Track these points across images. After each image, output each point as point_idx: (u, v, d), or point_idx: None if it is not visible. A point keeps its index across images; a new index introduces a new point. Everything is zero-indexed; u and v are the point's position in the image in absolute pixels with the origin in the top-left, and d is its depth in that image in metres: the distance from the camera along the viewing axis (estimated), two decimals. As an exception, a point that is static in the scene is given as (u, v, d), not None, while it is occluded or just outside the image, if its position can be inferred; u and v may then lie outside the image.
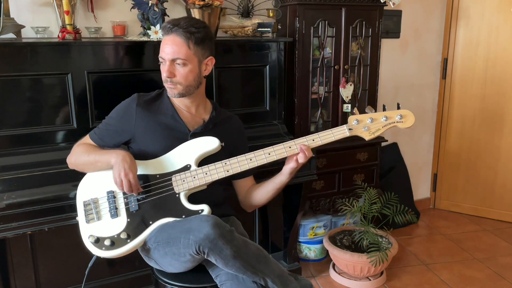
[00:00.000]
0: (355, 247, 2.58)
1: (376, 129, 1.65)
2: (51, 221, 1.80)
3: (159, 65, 1.68)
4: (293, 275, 1.62)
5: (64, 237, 2.08)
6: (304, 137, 1.67)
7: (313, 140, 1.66)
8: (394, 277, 2.64)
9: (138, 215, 1.63)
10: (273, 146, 1.66)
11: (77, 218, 1.67)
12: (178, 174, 1.64)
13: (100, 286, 2.23)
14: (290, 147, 1.65)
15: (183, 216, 1.61)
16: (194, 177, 1.63)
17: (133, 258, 1.83)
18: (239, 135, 1.86)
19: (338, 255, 2.54)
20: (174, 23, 1.62)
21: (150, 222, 1.62)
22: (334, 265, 2.68)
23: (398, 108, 1.68)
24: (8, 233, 1.74)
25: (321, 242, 2.78)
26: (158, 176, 1.65)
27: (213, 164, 1.65)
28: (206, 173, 1.64)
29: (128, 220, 1.62)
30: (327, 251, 2.74)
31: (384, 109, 1.69)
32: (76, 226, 1.67)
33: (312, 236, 2.80)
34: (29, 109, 1.95)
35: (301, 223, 2.73)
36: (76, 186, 1.70)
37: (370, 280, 2.55)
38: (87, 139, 1.77)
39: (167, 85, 1.67)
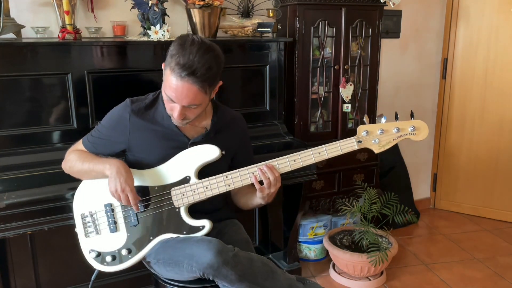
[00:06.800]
0: (355, 247, 2.58)
1: (387, 142, 1.51)
2: (51, 221, 1.79)
3: (167, 100, 1.51)
4: (301, 279, 1.60)
5: (64, 237, 2.08)
6: (310, 149, 1.56)
7: (319, 154, 1.55)
8: (394, 277, 2.64)
9: (138, 229, 1.60)
10: (277, 159, 1.57)
11: (76, 230, 1.65)
12: (178, 187, 1.59)
13: (100, 286, 2.23)
14: (294, 161, 1.56)
15: (184, 232, 1.58)
16: (194, 191, 1.59)
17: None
18: (242, 138, 1.79)
19: (338, 255, 2.54)
20: (188, 70, 1.42)
21: (151, 238, 1.60)
22: (334, 265, 2.68)
23: (412, 117, 1.52)
24: (8, 233, 1.74)
25: (321, 242, 2.78)
26: (156, 188, 1.61)
27: (213, 177, 1.59)
28: (206, 187, 1.58)
29: (128, 234, 1.60)
30: (327, 251, 2.74)
31: (396, 117, 1.52)
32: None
33: (312, 236, 2.80)
34: (29, 109, 1.95)
35: (301, 223, 2.73)
36: (75, 187, 1.68)
37: (370, 280, 2.55)
38: (79, 145, 1.70)
39: (175, 121, 1.57)
